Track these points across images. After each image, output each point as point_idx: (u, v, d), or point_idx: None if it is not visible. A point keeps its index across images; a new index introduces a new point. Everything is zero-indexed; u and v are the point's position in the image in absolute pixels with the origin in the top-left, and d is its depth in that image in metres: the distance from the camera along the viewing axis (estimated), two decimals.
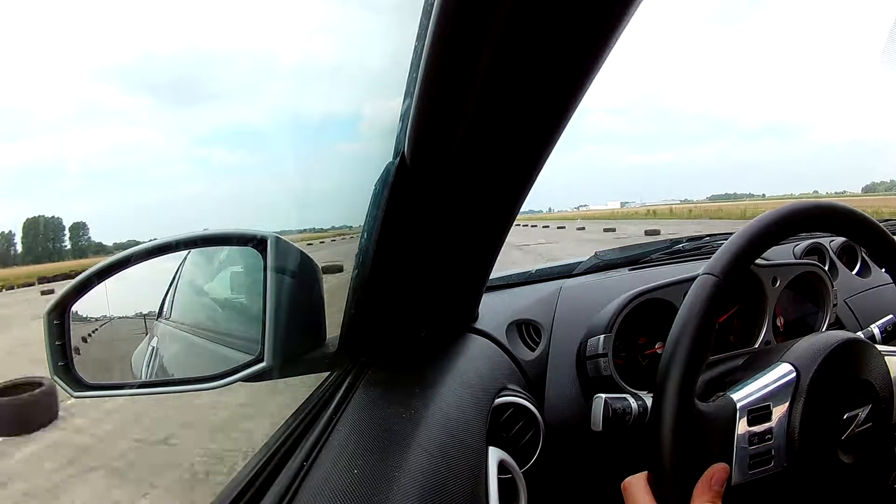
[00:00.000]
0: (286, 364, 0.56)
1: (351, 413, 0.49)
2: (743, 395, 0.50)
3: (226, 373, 0.55)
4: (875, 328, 0.69)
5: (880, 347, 0.56)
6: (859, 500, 0.52)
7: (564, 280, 0.87)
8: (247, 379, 0.54)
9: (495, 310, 0.75)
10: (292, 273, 0.57)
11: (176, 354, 0.72)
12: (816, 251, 1.04)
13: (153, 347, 0.69)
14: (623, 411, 0.55)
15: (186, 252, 0.68)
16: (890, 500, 0.54)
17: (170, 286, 0.71)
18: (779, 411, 0.49)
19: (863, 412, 0.51)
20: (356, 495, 0.39)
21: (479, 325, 0.70)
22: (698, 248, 0.99)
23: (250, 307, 0.57)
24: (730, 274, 0.49)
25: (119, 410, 3.82)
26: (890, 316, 0.71)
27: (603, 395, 0.56)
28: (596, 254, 0.97)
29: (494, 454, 0.51)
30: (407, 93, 0.39)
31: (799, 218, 0.53)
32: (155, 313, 0.70)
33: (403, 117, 0.41)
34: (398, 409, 0.48)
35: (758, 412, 0.49)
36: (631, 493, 0.47)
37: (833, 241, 1.06)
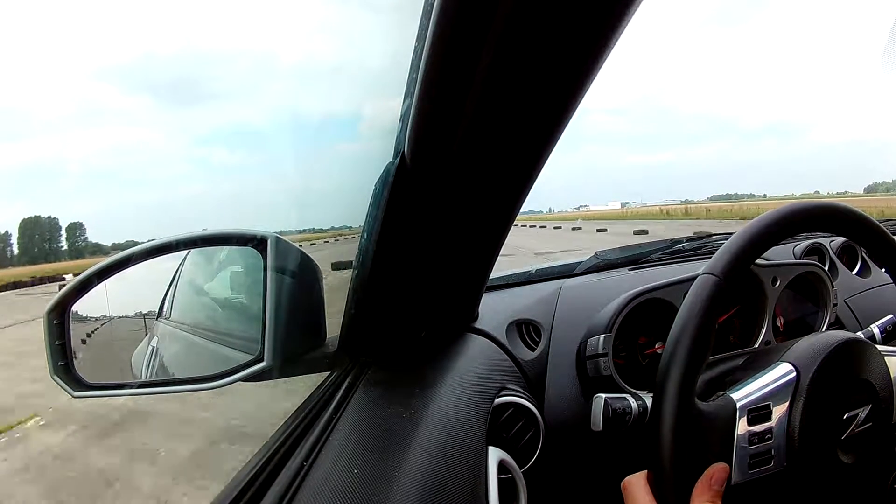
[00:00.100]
0: (286, 364, 0.56)
1: (351, 413, 0.49)
2: (743, 395, 0.50)
3: (226, 372, 0.55)
4: (875, 328, 0.69)
5: (880, 347, 0.56)
6: (859, 500, 0.52)
7: (564, 280, 0.87)
8: (247, 379, 0.54)
9: (495, 310, 0.75)
10: (292, 273, 0.57)
11: (176, 354, 0.72)
12: (816, 251, 1.04)
13: (153, 347, 0.69)
14: (623, 411, 0.55)
15: (186, 252, 0.68)
16: (890, 500, 0.54)
17: (170, 286, 0.71)
18: (779, 411, 0.49)
19: (863, 412, 0.51)
20: (356, 495, 0.39)
21: (479, 325, 0.70)
22: (698, 248, 0.99)
23: (250, 307, 0.57)
24: (730, 274, 0.49)
25: None
26: (890, 316, 0.71)
27: (603, 395, 0.56)
28: (596, 254, 0.97)
29: (494, 454, 0.51)
30: (407, 93, 0.39)
31: (799, 218, 0.53)
32: (155, 313, 0.70)
33: (403, 117, 0.41)
34: (398, 409, 0.48)
35: (758, 412, 0.49)
36: (631, 493, 0.47)
37: (833, 241, 1.06)
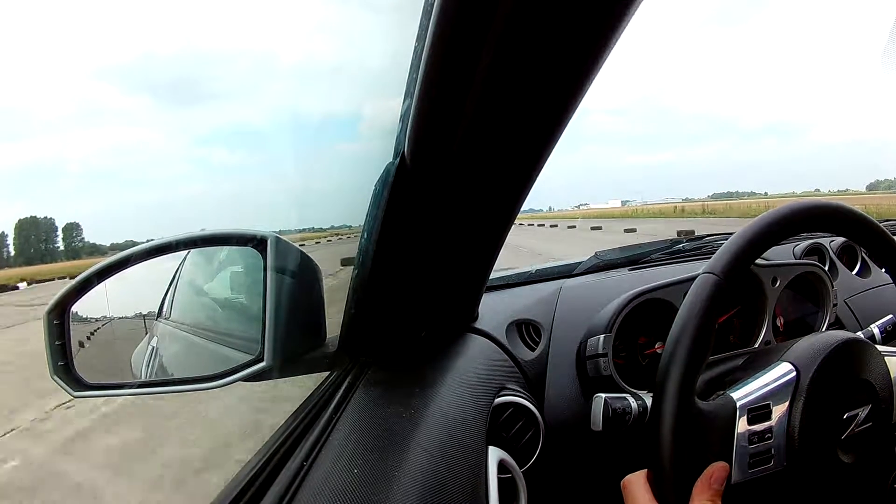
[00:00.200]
0: (286, 364, 0.56)
1: (351, 413, 0.49)
2: (743, 394, 0.50)
3: (226, 372, 0.55)
4: (875, 328, 0.69)
5: (880, 347, 0.56)
6: (859, 500, 0.52)
7: (564, 280, 0.87)
8: (247, 379, 0.54)
9: (495, 310, 0.74)
10: (292, 273, 0.57)
11: (176, 354, 0.72)
12: (816, 251, 1.04)
13: (153, 347, 0.69)
14: (623, 411, 0.55)
15: (186, 252, 0.68)
16: (890, 500, 0.54)
17: (169, 286, 0.71)
18: (779, 410, 0.49)
19: (863, 412, 0.51)
20: (356, 495, 0.39)
21: (479, 325, 0.70)
22: (698, 248, 0.99)
23: (250, 307, 0.57)
24: (730, 273, 0.49)
25: None
26: (890, 316, 0.71)
27: (603, 395, 0.56)
28: (596, 254, 0.97)
29: (494, 454, 0.51)
30: (407, 93, 0.39)
31: (799, 218, 0.53)
32: (155, 313, 0.70)
33: (403, 117, 0.41)
34: (398, 409, 0.48)
35: (758, 411, 0.49)
36: (631, 492, 0.47)
37: (833, 241, 1.06)
